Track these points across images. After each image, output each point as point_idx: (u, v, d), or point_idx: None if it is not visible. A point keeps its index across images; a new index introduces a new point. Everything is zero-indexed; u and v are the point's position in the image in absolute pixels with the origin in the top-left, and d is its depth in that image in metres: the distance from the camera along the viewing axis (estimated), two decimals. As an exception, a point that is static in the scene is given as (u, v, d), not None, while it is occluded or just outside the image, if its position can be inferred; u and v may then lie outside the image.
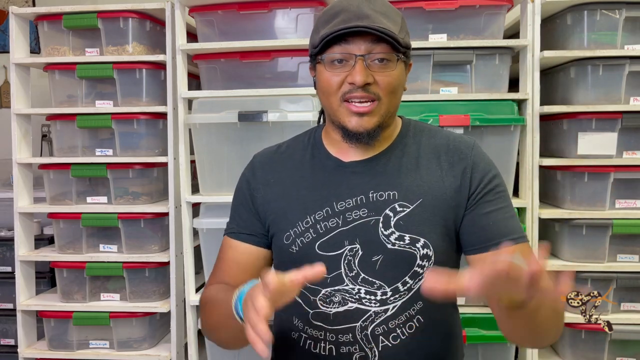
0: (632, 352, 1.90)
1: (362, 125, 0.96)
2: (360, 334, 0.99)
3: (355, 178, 1.02)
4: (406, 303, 0.99)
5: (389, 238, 0.98)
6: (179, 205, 2.02)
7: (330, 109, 1.00)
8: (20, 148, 2.15)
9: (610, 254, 1.88)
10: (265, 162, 1.12)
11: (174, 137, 2.04)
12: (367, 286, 0.99)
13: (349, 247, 0.99)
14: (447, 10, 1.89)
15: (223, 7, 1.95)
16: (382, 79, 0.95)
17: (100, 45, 2.08)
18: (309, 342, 1.02)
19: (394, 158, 1.03)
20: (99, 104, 2.09)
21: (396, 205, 0.99)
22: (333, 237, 1.00)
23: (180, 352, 2.12)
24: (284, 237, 1.03)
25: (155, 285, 2.11)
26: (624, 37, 1.86)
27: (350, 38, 0.94)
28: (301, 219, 1.02)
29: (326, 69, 0.97)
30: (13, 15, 2.09)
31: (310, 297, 1.02)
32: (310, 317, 1.02)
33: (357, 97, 0.95)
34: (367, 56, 0.94)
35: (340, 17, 0.95)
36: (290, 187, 1.06)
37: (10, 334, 2.42)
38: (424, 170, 1.02)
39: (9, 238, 2.30)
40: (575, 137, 1.87)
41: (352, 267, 0.99)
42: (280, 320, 1.11)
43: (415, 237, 0.98)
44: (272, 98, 1.90)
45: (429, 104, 1.87)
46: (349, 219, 1.00)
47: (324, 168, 1.05)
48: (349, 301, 0.99)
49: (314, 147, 1.09)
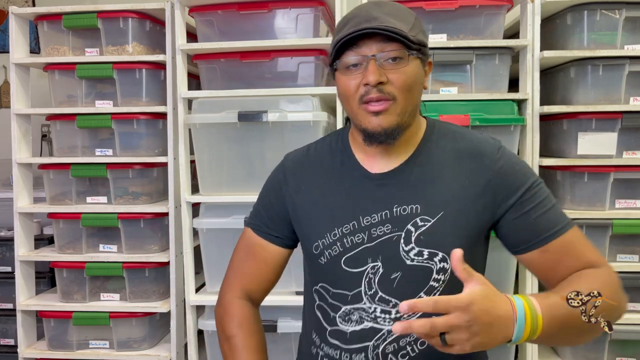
0: (632, 352, 1.90)
1: (380, 124, 0.97)
2: (372, 353, 1.00)
3: (380, 191, 1.03)
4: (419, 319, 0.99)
5: (409, 254, 0.99)
6: (179, 205, 2.02)
7: (351, 113, 1.01)
8: (20, 148, 2.15)
9: (610, 254, 1.88)
10: (297, 167, 1.13)
11: (173, 137, 2.04)
12: (382, 305, 1.00)
13: (371, 265, 1.00)
14: (447, 10, 1.89)
15: (223, 7, 1.95)
16: (396, 77, 0.96)
17: (100, 45, 2.08)
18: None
19: (417, 167, 1.03)
20: (99, 104, 2.09)
21: (418, 220, 0.99)
22: (358, 253, 1.01)
23: (180, 352, 2.12)
24: (313, 246, 1.05)
25: (155, 285, 2.11)
26: (624, 37, 1.86)
27: (361, 41, 0.96)
28: (329, 231, 1.03)
29: (343, 75, 0.99)
30: (13, 15, 2.09)
31: (330, 314, 1.03)
32: (327, 334, 1.04)
33: (373, 98, 0.96)
34: (379, 56, 0.96)
35: (350, 23, 0.98)
36: (319, 195, 1.07)
37: (10, 334, 2.42)
38: (448, 179, 1.01)
39: (9, 238, 2.30)
40: (575, 137, 1.87)
41: (372, 286, 1.00)
42: (304, 333, 1.14)
43: (433, 252, 0.98)
44: (272, 98, 1.90)
45: (429, 104, 1.87)
46: (374, 235, 1.01)
47: (352, 178, 1.06)
48: (365, 320, 1.00)
49: (343, 152, 1.09)
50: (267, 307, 1.86)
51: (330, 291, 1.03)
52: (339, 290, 1.02)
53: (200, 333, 2.03)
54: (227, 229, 1.90)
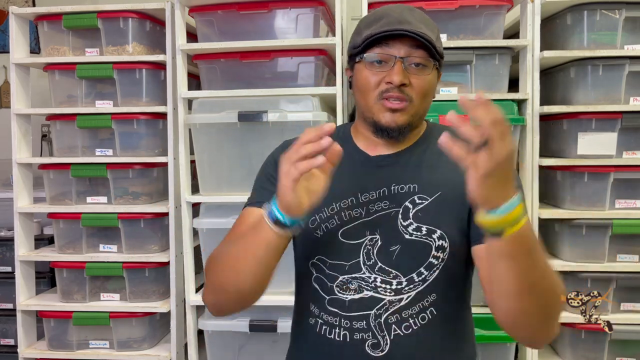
0: (632, 352, 1.90)
1: (394, 120, 1.02)
2: (374, 321, 1.02)
3: (379, 171, 1.07)
4: (420, 294, 1.02)
5: (407, 229, 1.02)
6: (179, 205, 2.02)
7: (365, 106, 1.05)
8: (20, 148, 2.15)
9: (610, 254, 1.88)
10: None
11: (174, 137, 2.04)
12: (383, 275, 1.02)
13: (370, 237, 1.04)
14: (447, 10, 1.89)
15: (223, 7, 1.95)
16: (417, 82, 1.02)
17: (100, 45, 2.08)
18: (324, 328, 1.06)
19: (416, 155, 1.09)
20: (99, 104, 2.09)
21: (415, 198, 1.04)
22: (356, 226, 1.04)
23: (180, 352, 2.12)
24: (310, 220, 1.06)
25: (155, 285, 2.11)
26: (624, 37, 1.86)
27: (391, 41, 1.01)
28: (327, 205, 1.06)
29: (366, 68, 1.03)
30: (13, 15, 2.09)
31: (328, 284, 1.05)
32: (326, 302, 1.05)
33: (393, 96, 1.01)
34: (406, 59, 1.01)
35: (383, 21, 1.02)
36: None
37: (10, 334, 2.42)
38: (445, 166, 1.05)
39: (9, 238, 2.30)
40: (575, 137, 1.87)
41: (371, 257, 1.03)
42: (299, 309, 1.15)
43: (432, 229, 1.02)
44: (272, 98, 1.90)
45: (429, 104, 1.87)
46: (372, 210, 1.05)
47: (352, 160, 1.09)
48: (365, 289, 1.03)
49: (344, 140, 1.12)
50: (267, 307, 1.87)
51: (327, 262, 1.05)
52: (336, 261, 1.05)
53: (200, 333, 2.03)
54: (227, 229, 1.87)
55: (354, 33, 1.09)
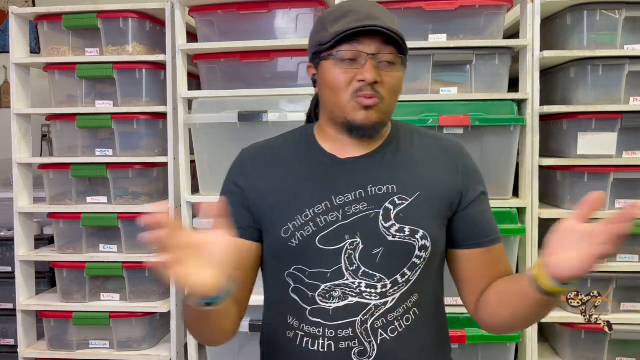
0: (632, 352, 1.90)
1: (368, 118, 0.99)
2: (361, 328, 0.99)
3: (352, 173, 1.04)
4: (404, 295, 1.00)
5: (390, 230, 1.00)
6: (179, 205, 2.02)
7: (336, 105, 1.01)
8: (20, 148, 2.15)
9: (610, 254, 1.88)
10: (256, 155, 1.12)
11: (174, 137, 2.04)
12: (367, 279, 1.00)
13: (350, 241, 1.00)
14: (447, 10, 1.89)
15: (223, 7, 1.95)
16: (388, 79, 0.99)
17: (100, 45, 2.08)
18: (305, 340, 1.02)
19: (388, 154, 1.06)
20: (99, 104, 2.09)
21: (395, 198, 1.01)
22: (334, 230, 1.00)
23: (180, 352, 2.12)
24: (282, 230, 1.02)
25: (155, 285, 2.11)
26: (624, 37, 1.86)
27: (361, 38, 0.97)
28: (300, 213, 1.02)
29: (336, 66, 0.99)
30: (13, 15, 2.09)
31: (309, 294, 1.01)
32: (307, 313, 1.02)
33: (367, 94, 0.98)
34: (377, 56, 0.98)
35: (350, 17, 0.98)
36: (285, 180, 1.06)
37: (10, 334, 2.42)
38: (420, 166, 1.05)
39: (9, 238, 2.30)
40: (575, 137, 1.87)
41: (353, 261, 1.00)
42: (272, 322, 1.09)
43: (415, 229, 1.00)
44: (272, 98, 1.90)
45: (429, 104, 1.87)
46: (349, 212, 1.01)
47: (320, 164, 1.06)
48: (349, 295, 1.00)
49: (308, 143, 1.09)
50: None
51: (306, 272, 1.01)
52: (316, 269, 1.00)
53: (200, 333, 2.03)
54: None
55: (318, 29, 1.04)
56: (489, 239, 1.06)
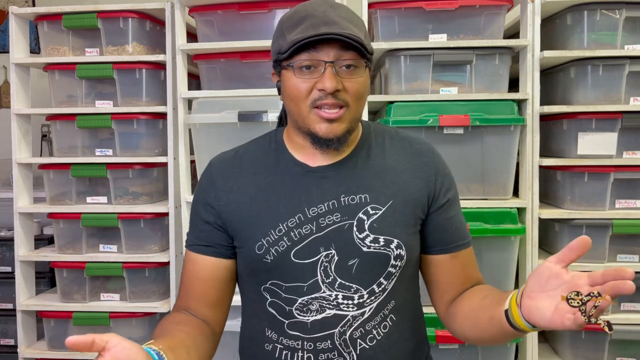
0: (632, 352, 1.91)
1: (332, 131, 0.95)
2: (339, 339, 0.99)
3: (324, 183, 1.02)
4: (381, 304, 1.00)
5: (364, 241, 0.99)
6: (179, 205, 2.02)
7: (298, 116, 0.98)
8: (20, 148, 2.15)
9: (610, 254, 1.88)
10: (224, 168, 1.08)
11: (173, 137, 2.04)
12: (344, 291, 0.99)
13: (325, 253, 0.99)
14: (447, 10, 1.89)
15: (223, 7, 1.95)
16: (351, 85, 0.95)
17: (100, 45, 2.08)
18: (285, 353, 1.01)
19: (360, 161, 1.04)
20: (99, 104, 2.09)
21: (369, 208, 1.00)
22: (308, 244, 0.99)
23: (180, 352, 2.12)
24: (256, 247, 1.00)
25: (155, 285, 2.11)
26: (624, 37, 1.86)
27: (319, 45, 0.93)
28: (273, 227, 1.00)
29: (295, 75, 0.95)
30: (13, 15, 2.09)
31: (286, 308, 1.00)
32: (285, 327, 1.01)
33: (327, 104, 0.94)
34: (336, 62, 0.94)
35: (307, 23, 0.94)
36: (256, 194, 1.03)
37: (10, 334, 2.42)
38: (391, 172, 1.04)
39: (9, 238, 2.30)
40: (575, 137, 1.87)
41: (329, 274, 0.99)
42: (250, 335, 1.08)
43: (389, 239, 0.99)
44: (272, 98, 1.90)
45: (429, 104, 1.87)
46: (323, 224, 0.99)
47: (291, 174, 1.03)
48: (327, 308, 0.99)
49: (277, 151, 1.06)
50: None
51: (282, 286, 1.00)
52: (292, 283, 0.99)
53: (200, 333, 2.03)
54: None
55: (277, 36, 1.00)
56: (455, 245, 1.06)
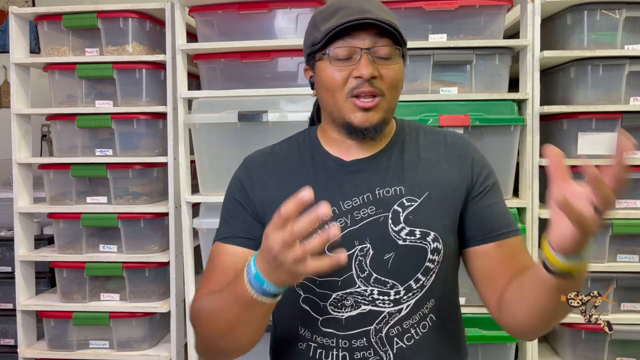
0: (632, 352, 1.90)
1: (368, 120, 0.95)
2: (375, 337, 0.97)
3: (358, 176, 1.01)
4: (419, 302, 0.97)
5: (400, 234, 0.97)
6: (179, 205, 2.02)
7: (334, 106, 0.98)
8: (20, 148, 2.15)
9: (610, 254, 1.88)
10: (261, 164, 1.09)
11: (173, 137, 2.04)
12: (380, 286, 0.96)
13: (360, 247, 0.97)
14: (447, 10, 1.89)
15: (223, 7, 1.95)
16: (387, 72, 0.95)
17: (100, 45, 2.08)
18: (319, 352, 0.99)
19: (395, 154, 1.03)
20: (99, 104, 2.09)
21: (404, 200, 0.98)
22: (342, 237, 0.97)
23: (180, 352, 2.12)
24: None
25: (155, 285, 2.11)
26: (624, 37, 1.86)
27: (354, 32, 0.93)
28: None
29: (330, 64, 0.96)
30: (13, 15, 2.09)
31: (320, 303, 0.98)
32: (320, 324, 0.99)
33: (363, 92, 0.94)
34: (372, 50, 0.94)
35: (342, 13, 0.94)
36: (291, 188, 1.00)
37: (10, 334, 2.42)
38: (427, 164, 1.02)
39: (9, 238, 2.30)
40: (575, 137, 1.87)
41: (364, 268, 0.97)
42: (283, 334, 1.07)
43: (425, 231, 0.97)
44: (272, 98, 1.90)
45: (429, 104, 1.87)
46: (357, 217, 0.98)
47: (326, 168, 1.03)
48: (362, 304, 0.97)
49: (312, 147, 1.06)
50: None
51: (316, 281, 0.98)
52: (326, 277, 0.97)
53: (200, 333, 2.03)
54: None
55: (310, 29, 1.00)
56: (501, 232, 1.00)
